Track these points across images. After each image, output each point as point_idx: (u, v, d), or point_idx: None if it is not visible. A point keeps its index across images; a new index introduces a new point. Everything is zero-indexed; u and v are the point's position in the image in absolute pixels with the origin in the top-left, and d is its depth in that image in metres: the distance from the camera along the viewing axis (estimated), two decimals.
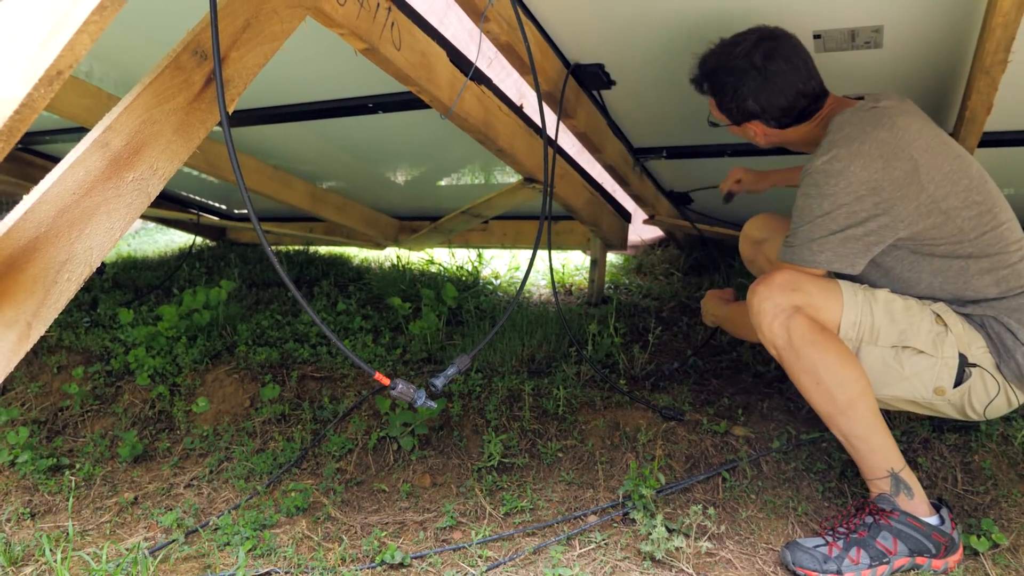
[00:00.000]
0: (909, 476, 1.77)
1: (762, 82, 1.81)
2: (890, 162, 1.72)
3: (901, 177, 1.72)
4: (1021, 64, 1.76)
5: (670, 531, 1.88)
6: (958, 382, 1.77)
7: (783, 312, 1.75)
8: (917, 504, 1.76)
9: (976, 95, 1.87)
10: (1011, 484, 2.02)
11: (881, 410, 1.79)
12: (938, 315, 1.80)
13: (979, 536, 1.83)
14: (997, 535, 1.83)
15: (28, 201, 1.14)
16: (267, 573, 1.90)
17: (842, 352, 1.74)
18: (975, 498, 2.00)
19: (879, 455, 1.76)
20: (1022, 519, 1.91)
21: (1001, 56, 1.70)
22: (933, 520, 1.76)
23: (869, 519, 1.76)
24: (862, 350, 1.78)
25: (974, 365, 1.78)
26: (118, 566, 1.89)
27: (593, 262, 3.57)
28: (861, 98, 1.89)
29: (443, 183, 3.58)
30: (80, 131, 3.39)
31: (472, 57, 2.08)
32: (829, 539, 1.76)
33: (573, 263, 4.14)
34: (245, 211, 4.62)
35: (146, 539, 2.14)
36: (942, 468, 2.08)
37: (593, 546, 1.91)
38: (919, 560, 1.75)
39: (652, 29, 2.05)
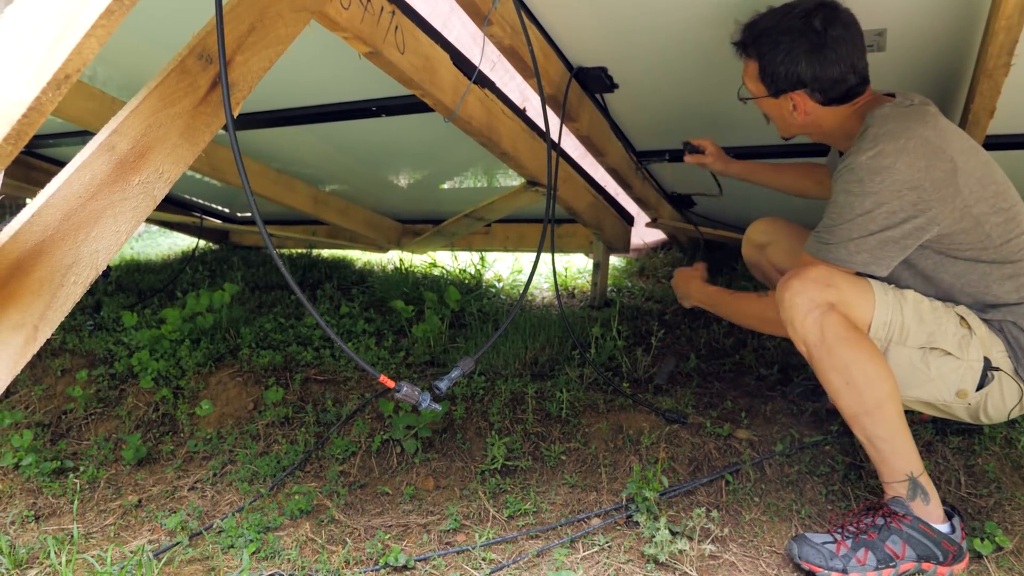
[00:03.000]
0: (927, 482, 1.74)
1: (819, 46, 1.71)
2: (932, 161, 1.67)
3: (941, 178, 1.67)
4: None
5: (673, 534, 1.88)
6: (980, 385, 1.75)
7: (817, 308, 1.71)
8: (931, 510, 1.74)
9: (979, 98, 1.87)
10: (1015, 487, 2.02)
11: None
12: (962, 317, 1.77)
13: (983, 539, 1.83)
14: (1001, 538, 1.83)
15: (35, 204, 1.15)
16: None
17: (873, 352, 1.71)
18: (979, 501, 2.00)
19: (901, 458, 1.73)
20: None
21: (1004, 60, 1.69)
22: (944, 528, 1.74)
23: (880, 521, 1.74)
24: (890, 350, 1.75)
25: (997, 369, 1.76)
26: (122, 568, 1.90)
27: (596, 265, 3.58)
28: (891, 95, 1.83)
29: (446, 186, 3.59)
30: (84, 134, 3.40)
31: (475, 60, 2.09)
32: (838, 537, 1.75)
33: (576, 266, 4.14)
34: (248, 214, 4.63)
35: (150, 542, 2.14)
36: (946, 471, 2.08)
37: (596, 549, 1.91)
38: (925, 566, 1.73)
39: (655, 32, 2.06)
